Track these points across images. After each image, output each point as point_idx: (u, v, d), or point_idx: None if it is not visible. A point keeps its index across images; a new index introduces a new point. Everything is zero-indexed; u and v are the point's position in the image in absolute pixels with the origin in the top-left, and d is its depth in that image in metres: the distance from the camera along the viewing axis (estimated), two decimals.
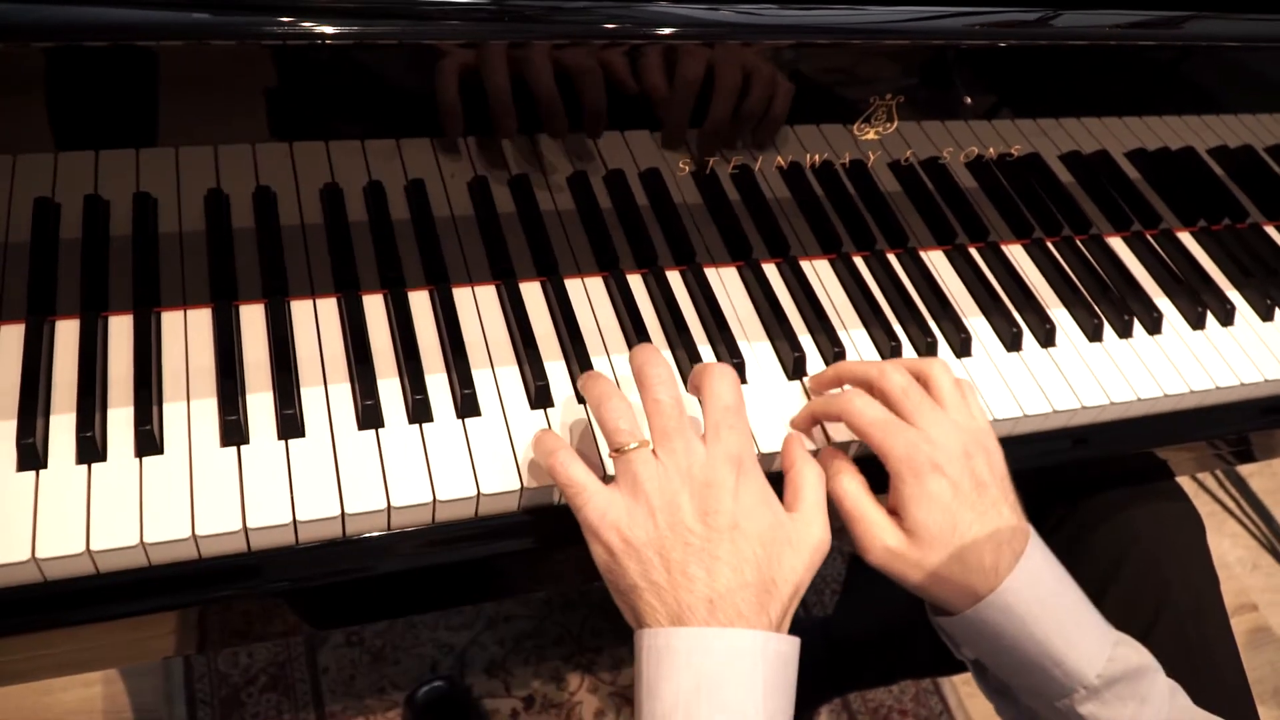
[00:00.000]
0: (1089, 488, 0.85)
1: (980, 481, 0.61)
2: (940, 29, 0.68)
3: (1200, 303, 0.85)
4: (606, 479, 0.60)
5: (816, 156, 0.75)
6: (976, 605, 0.61)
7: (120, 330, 0.66)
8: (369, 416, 0.64)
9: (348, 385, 0.66)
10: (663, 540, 0.55)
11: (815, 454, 0.65)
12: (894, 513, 0.62)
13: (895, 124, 0.74)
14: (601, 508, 0.57)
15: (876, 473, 0.63)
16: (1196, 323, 0.85)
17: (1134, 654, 0.62)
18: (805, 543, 0.58)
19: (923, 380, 0.65)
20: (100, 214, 0.62)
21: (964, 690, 1.50)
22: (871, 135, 0.74)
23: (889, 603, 1.17)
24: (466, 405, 0.66)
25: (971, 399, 0.65)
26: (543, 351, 0.70)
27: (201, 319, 0.68)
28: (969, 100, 0.75)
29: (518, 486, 0.63)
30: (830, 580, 1.55)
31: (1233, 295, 0.88)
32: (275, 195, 0.65)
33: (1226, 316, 0.85)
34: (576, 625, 1.43)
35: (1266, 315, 0.88)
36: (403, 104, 0.63)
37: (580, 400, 0.68)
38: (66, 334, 0.65)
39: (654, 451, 0.58)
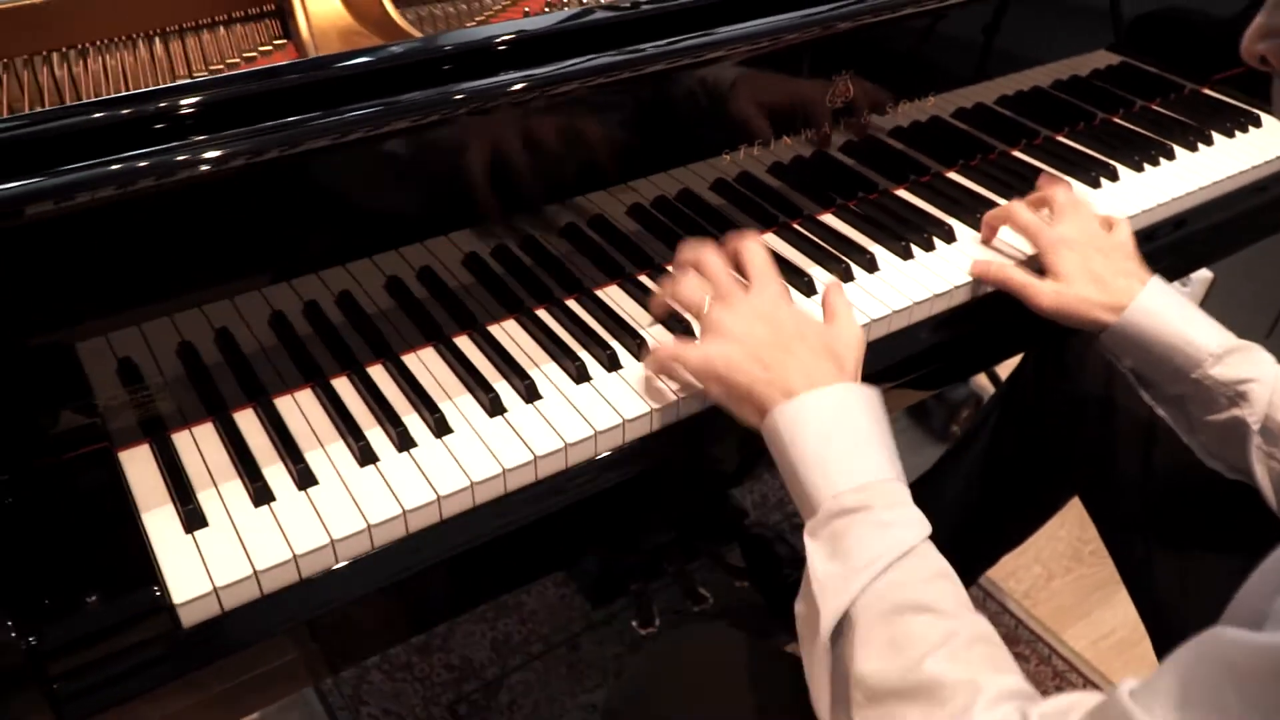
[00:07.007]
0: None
1: (1101, 248, 0.95)
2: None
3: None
4: None
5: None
6: (1123, 314, 0.90)
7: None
8: (494, 405, 0.85)
9: (468, 395, 0.87)
10: (753, 353, 0.78)
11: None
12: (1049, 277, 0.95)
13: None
14: (703, 354, 0.80)
15: None
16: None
17: (1236, 336, 0.89)
18: (850, 336, 0.82)
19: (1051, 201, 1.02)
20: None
21: (1025, 604, 1.68)
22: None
23: (952, 504, 1.37)
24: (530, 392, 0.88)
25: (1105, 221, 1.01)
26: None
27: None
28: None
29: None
30: None
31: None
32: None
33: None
34: None
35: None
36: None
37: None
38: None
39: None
